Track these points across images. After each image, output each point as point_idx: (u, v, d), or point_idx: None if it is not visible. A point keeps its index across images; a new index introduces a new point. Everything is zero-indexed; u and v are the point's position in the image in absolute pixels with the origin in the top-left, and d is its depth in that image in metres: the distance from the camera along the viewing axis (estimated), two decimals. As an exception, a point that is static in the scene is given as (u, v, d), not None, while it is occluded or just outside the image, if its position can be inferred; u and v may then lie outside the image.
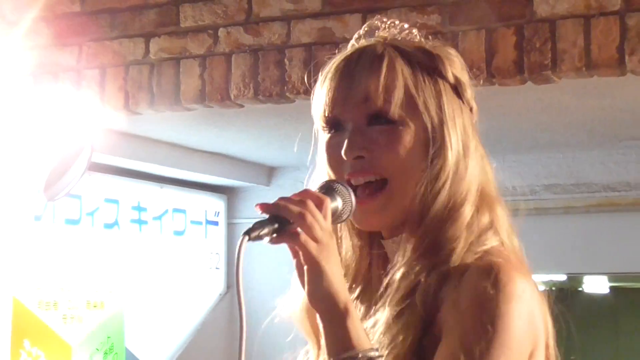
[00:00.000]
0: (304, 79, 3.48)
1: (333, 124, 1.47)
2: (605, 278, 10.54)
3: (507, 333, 1.31)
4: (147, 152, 4.90)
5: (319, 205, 1.33)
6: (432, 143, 1.44)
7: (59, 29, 3.89)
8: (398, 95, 1.43)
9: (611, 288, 11.41)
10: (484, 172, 1.50)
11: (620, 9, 3.09)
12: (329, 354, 1.31)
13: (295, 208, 1.31)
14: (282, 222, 1.32)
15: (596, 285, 11.06)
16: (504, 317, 1.31)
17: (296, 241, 1.31)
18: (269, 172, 5.80)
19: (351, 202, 1.40)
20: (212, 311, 5.72)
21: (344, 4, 3.45)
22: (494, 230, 1.45)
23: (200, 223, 5.71)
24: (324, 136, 1.50)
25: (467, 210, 1.43)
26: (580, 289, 11.45)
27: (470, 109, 1.52)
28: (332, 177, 1.47)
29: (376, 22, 1.56)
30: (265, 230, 1.31)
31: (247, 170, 5.64)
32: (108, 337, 4.95)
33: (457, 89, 1.49)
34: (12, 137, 4.11)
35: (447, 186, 1.43)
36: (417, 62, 1.46)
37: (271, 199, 4.88)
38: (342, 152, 1.42)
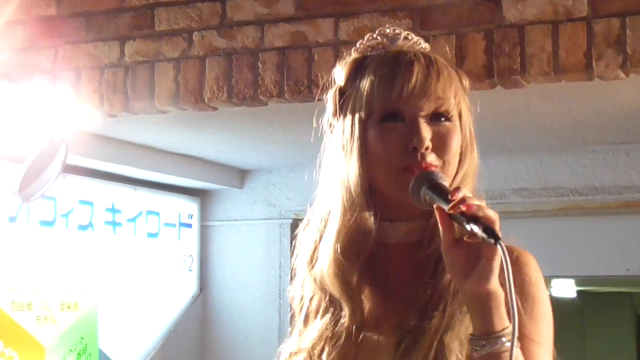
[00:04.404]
0: (277, 82, 3.53)
1: (390, 115, 1.59)
2: (572, 282, 10.62)
3: None
4: (121, 155, 4.93)
5: None
6: (464, 145, 1.64)
7: (34, 32, 3.91)
8: (456, 101, 1.61)
9: (578, 292, 11.50)
10: None
11: (587, 15, 3.15)
12: (488, 329, 1.47)
13: (491, 215, 1.45)
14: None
15: (563, 289, 11.14)
16: None
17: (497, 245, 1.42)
18: (241, 175, 5.83)
19: None
20: (184, 313, 5.75)
21: (317, 9, 3.49)
22: None
23: (173, 225, 5.73)
24: (373, 124, 1.60)
25: None
26: (548, 292, 11.55)
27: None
28: (383, 162, 1.59)
29: (389, 30, 1.69)
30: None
31: (220, 173, 5.68)
32: (81, 338, 4.96)
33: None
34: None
35: (468, 184, 1.66)
36: (457, 78, 1.65)
37: (244, 202, 4.90)
38: (416, 142, 1.56)
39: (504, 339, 1.47)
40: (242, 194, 5.82)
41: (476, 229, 1.42)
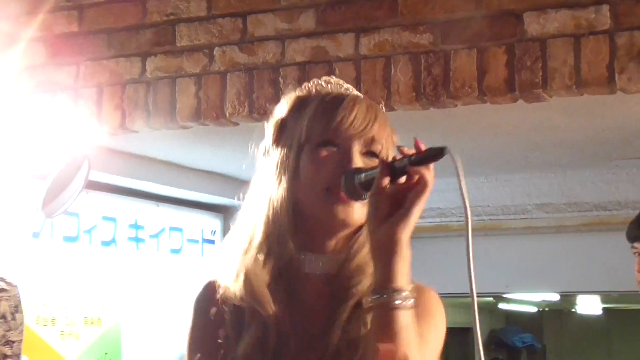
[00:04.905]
0: (298, 98, 3.53)
1: (326, 142, 1.70)
2: (598, 299, 10.55)
3: None
4: (143, 171, 4.94)
5: None
6: None
7: (56, 49, 3.93)
8: (387, 146, 1.72)
9: (604, 309, 11.42)
10: None
11: (609, 28, 3.13)
12: (390, 282, 1.53)
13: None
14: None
15: (589, 306, 11.07)
16: None
17: (428, 178, 1.55)
18: (263, 192, 5.83)
19: None
20: (207, 329, 5.74)
21: (338, 24, 3.49)
22: None
23: (196, 241, 5.74)
24: (309, 150, 1.71)
25: None
26: (573, 309, 11.46)
27: None
28: (311, 182, 1.69)
29: (333, 80, 1.82)
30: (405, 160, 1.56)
31: (242, 189, 5.67)
32: (105, 354, 4.97)
33: None
34: (10, 154, 4.15)
35: None
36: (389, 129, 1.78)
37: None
38: (347, 164, 1.66)
39: (402, 298, 1.52)
40: (264, 210, 5.81)
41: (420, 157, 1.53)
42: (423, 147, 1.55)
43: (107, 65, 3.84)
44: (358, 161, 1.67)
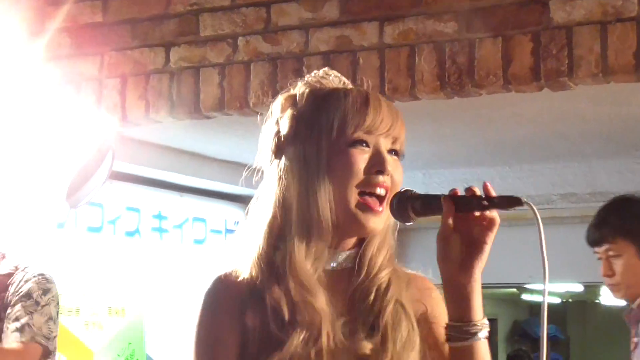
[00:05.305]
0: (322, 87, 3.51)
1: (357, 142, 1.73)
2: (622, 290, 10.46)
3: None
4: (167, 161, 4.95)
5: None
6: None
7: (81, 39, 3.94)
8: (404, 143, 1.79)
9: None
10: None
11: (637, 15, 3.09)
12: (474, 317, 1.65)
13: None
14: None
15: (613, 297, 10.99)
16: None
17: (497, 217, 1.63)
18: (287, 182, 5.82)
19: None
20: (231, 319, 5.74)
21: (362, 13, 3.47)
22: None
23: (220, 232, 5.75)
24: (341, 148, 1.73)
25: None
26: (597, 301, 11.39)
27: None
28: (346, 181, 1.71)
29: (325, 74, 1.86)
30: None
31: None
32: (129, 344, 4.99)
33: None
34: (35, 145, 4.16)
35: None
36: None
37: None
38: (385, 167, 1.72)
39: (481, 329, 1.65)
40: (288, 200, 5.80)
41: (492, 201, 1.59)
42: (493, 192, 1.61)
43: (131, 56, 3.85)
44: (390, 161, 1.71)
